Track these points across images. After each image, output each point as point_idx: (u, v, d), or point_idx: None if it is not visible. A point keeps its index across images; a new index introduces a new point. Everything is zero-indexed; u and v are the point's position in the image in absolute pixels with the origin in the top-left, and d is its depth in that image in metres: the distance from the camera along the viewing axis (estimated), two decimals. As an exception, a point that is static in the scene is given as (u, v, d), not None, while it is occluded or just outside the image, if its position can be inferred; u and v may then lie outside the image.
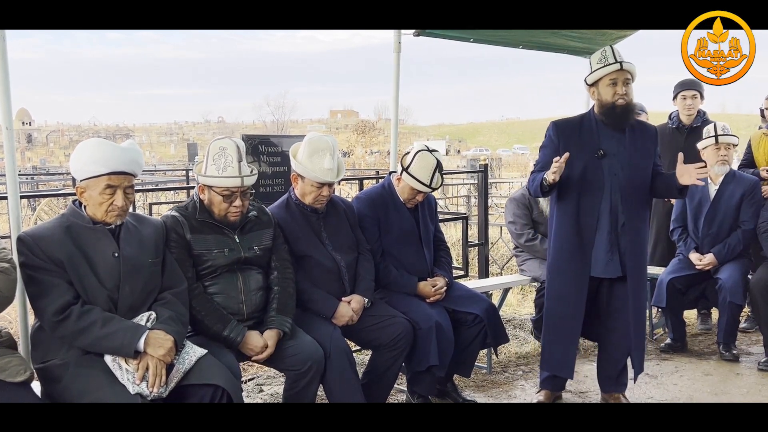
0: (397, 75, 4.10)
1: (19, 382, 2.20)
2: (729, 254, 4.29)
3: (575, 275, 3.28)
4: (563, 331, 3.35)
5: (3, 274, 2.23)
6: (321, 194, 3.07)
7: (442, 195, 12.13)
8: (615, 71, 3.14)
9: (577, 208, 3.23)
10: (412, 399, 3.45)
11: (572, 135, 3.23)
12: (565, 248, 3.30)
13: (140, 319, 2.43)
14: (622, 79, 3.15)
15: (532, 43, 4.64)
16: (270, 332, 2.78)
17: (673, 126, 5.00)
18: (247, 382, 3.84)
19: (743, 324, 4.82)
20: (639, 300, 3.34)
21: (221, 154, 2.72)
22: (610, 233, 3.23)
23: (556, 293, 3.37)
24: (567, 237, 3.28)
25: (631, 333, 3.34)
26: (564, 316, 3.33)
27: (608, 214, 3.22)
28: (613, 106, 3.17)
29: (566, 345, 3.35)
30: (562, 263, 3.32)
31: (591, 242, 3.24)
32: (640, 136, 3.28)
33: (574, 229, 3.25)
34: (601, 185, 3.21)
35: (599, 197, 3.21)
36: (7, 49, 2.61)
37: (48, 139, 73.67)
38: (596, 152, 3.19)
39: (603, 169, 3.21)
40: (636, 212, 3.25)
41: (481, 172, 5.48)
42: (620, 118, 3.19)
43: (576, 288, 3.28)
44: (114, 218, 2.44)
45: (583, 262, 3.25)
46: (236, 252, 2.80)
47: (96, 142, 2.49)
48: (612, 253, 3.24)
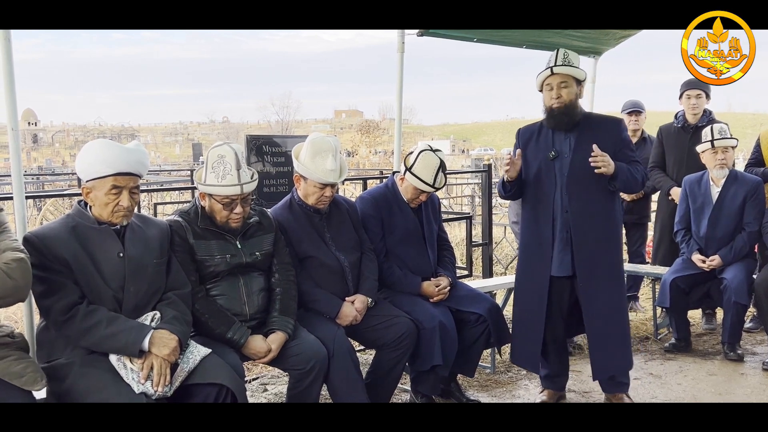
0: (401, 75, 4.10)
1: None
2: (735, 257, 4.29)
3: (535, 273, 3.39)
4: (527, 328, 3.43)
5: (21, 262, 2.19)
6: (324, 195, 3.08)
7: (446, 195, 12.13)
8: (547, 77, 3.27)
9: (535, 208, 3.39)
10: (416, 399, 3.46)
11: (530, 139, 3.40)
12: (528, 247, 3.46)
13: (145, 318, 2.45)
14: (556, 83, 3.25)
15: (536, 42, 4.63)
16: (274, 336, 2.79)
17: (678, 125, 4.99)
18: (251, 381, 3.85)
19: (748, 324, 4.81)
20: (596, 299, 3.31)
21: (220, 162, 2.72)
22: (562, 232, 3.30)
23: (521, 290, 3.52)
24: (529, 236, 3.43)
25: (590, 335, 3.36)
26: (528, 313, 3.43)
27: (560, 212, 3.30)
28: (551, 109, 3.29)
29: (530, 341, 3.43)
30: (526, 262, 3.47)
31: (549, 241, 3.33)
32: (595, 130, 3.30)
33: (534, 229, 3.39)
34: (552, 185, 3.31)
35: (552, 197, 3.31)
36: (12, 49, 2.61)
37: (53, 139, 73.97)
38: (548, 155, 3.31)
39: (554, 170, 3.31)
40: (586, 210, 3.28)
41: (485, 172, 5.48)
42: (558, 119, 3.29)
43: (537, 286, 3.38)
44: (120, 219, 2.46)
45: (543, 261, 3.35)
46: (238, 258, 2.81)
47: (102, 142, 2.51)
48: (565, 252, 3.31)
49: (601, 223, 3.31)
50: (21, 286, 2.19)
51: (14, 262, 2.17)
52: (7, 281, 2.14)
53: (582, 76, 3.29)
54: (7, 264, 2.16)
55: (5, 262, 2.16)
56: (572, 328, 3.57)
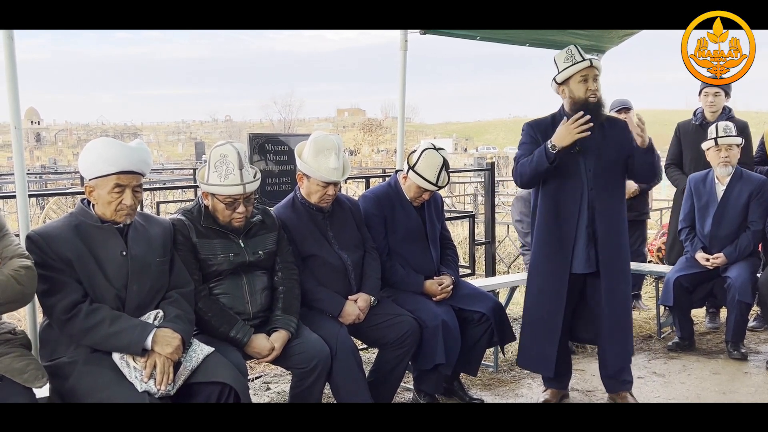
0: (404, 73, 4.10)
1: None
2: (739, 256, 4.27)
3: (555, 270, 3.30)
4: (542, 329, 3.35)
5: (28, 270, 2.23)
6: (326, 193, 3.07)
7: (449, 193, 12.12)
8: (585, 68, 3.20)
9: (556, 202, 3.28)
10: (419, 397, 3.45)
11: (548, 132, 3.27)
12: (546, 243, 3.34)
13: (148, 317, 2.45)
14: (592, 76, 3.21)
15: (539, 40, 4.63)
16: (277, 334, 2.78)
17: (696, 123, 4.94)
18: (254, 380, 3.86)
19: (752, 323, 4.79)
20: (615, 295, 3.30)
21: (222, 162, 2.72)
22: (588, 227, 3.26)
23: (536, 289, 3.40)
24: (548, 233, 3.32)
25: (605, 329, 3.33)
26: (544, 312, 3.34)
27: (586, 208, 3.25)
28: (586, 103, 3.22)
29: (546, 343, 3.35)
30: (543, 258, 3.35)
31: (571, 237, 3.26)
32: (611, 130, 3.29)
33: (554, 225, 3.29)
34: (577, 180, 3.25)
35: (578, 192, 3.24)
36: (15, 49, 2.62)
37: (56, 138, 74.10)
38: (572, 148, 3.20)
39: (579, 164, 3.25)
40: (611, 205, 3.27)
41: (488, 171, 5.47)
42: (593, 113, 3.22)
43: (556, 283, 3.29)
44: (122, 217, 2.45)
45: (564, 257, 3.28)
46: (241, 257, 2.81)
47: (105, 141, 2.50)
48: (589, 247, 3.27)
49: (620, 220, 3.32)
50: (28, 293, 2.25)
51: (23, 269, 2.21)
52: (16, 287, 2.18)
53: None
54: (17, 271, 2.20)
55: (14, 269, 2.20)
56: (576, 328, 3.53)
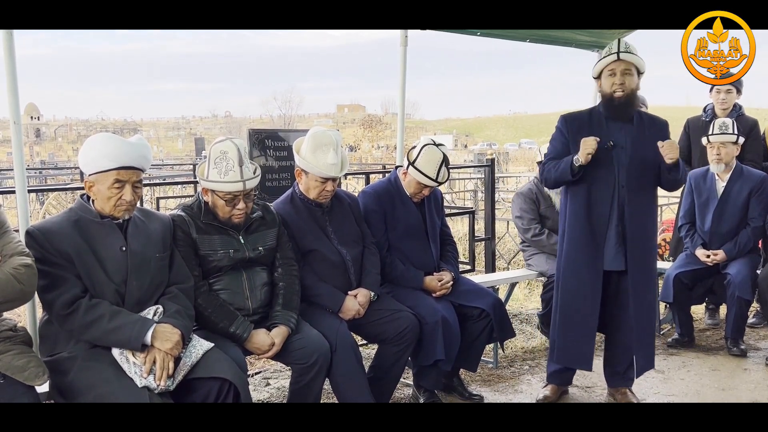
0: (404, 69, 4.09)
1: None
2: (739, 252, 4.27)
3: (589, 268, 3.27)
4: (579, 325, 3.32)
5: (29, 268, 2.23)
6: (325, 189, 3.07)
7: (449, 189, 12.09)
8: (612, 62, 3.17)
9: (588, 199, 3.24)
10: (419, 393, 3.45)
11: (582, 127, 3.24)
12: (578, 241, 3.29)
13: (147, 312, 2.45)
14: (620, 70, 3.16)
15: (539, 37, 4.62)
16: (277, 330, 2.79)
17: (706, 119, 4.92)
18: (254, 375, 3.86)
19: (751, 319, 4.80)
20: (642, 294, 3.30)
21: (222, 158, 2.71)
22: (618, 225, 3.24)
23: (570, 286, 3.35)
24: (580, 229, 3.27)
25: (633, 328, 3.32)
26: (579, 310, 3.31)
27: (617, 205, 3.22)
28: (612, 97, 3.19)
29: (584, 339, 3.32)
30: (576, 256, 3.31)
31: (603, 234, 3.24)
32: (648, 128, 3.27)
33: (587, 221, 3.25)
34: (610, 176, 3.21)
35: (610, 189, 3.21)
36: (15, 44, 2.62)
37: (56, 133, 74.00)
38: (606, 143, 3.17)
39: (612, 160, 3.21)
40: (641, 204, 3.25)
41: (488, 167, 5.46)
42: (619, 108, 3.19)
43: (591, 281, 3.27)
44: (122, 213, 2.45)
45: (597, 255, 3.25)
46: (241, 252, 2.81)
47: (105, 136, 2.50)
48: (619, 245, 3.24)
49: (650, 219, 3.33)
50: (28, 291, 2.24)
51: (23, 267, 2.21)
52: (16, 286, 2.18)
53: (644, 67, 3.22)
54: (17, 269, 2.19)
55: (14, 267, 2.19)
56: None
